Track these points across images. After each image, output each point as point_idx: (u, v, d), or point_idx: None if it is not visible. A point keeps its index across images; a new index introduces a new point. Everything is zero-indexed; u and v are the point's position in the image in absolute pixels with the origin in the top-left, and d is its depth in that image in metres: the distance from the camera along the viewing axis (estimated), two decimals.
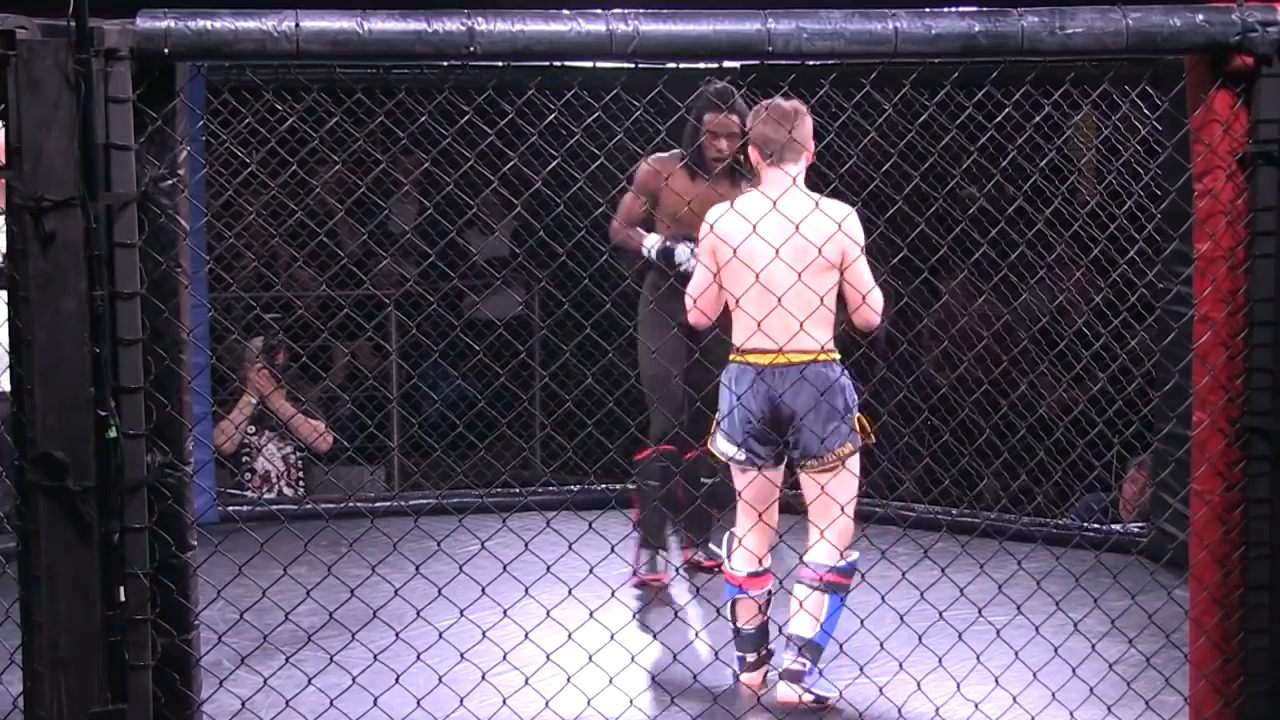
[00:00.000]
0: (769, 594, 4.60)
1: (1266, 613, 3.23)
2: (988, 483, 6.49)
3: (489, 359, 6.19)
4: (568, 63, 3.81)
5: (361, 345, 7.49)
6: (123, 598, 2.83)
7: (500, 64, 3.01)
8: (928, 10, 3.06)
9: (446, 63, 3.42)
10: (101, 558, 2.82)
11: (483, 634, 3.57)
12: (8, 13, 2.77)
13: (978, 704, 3.83)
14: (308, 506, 6.75)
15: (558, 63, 3.09)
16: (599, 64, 6.20)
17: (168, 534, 2.89)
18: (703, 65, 6.27)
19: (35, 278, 2.78)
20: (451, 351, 7.17)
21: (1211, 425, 3.25)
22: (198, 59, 2.88)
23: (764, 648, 4.66)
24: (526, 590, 3.60)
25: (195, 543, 2.96)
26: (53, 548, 2.81)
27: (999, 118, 4.35)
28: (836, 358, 4.44)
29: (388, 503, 6.81)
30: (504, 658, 3.55)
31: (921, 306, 6.17)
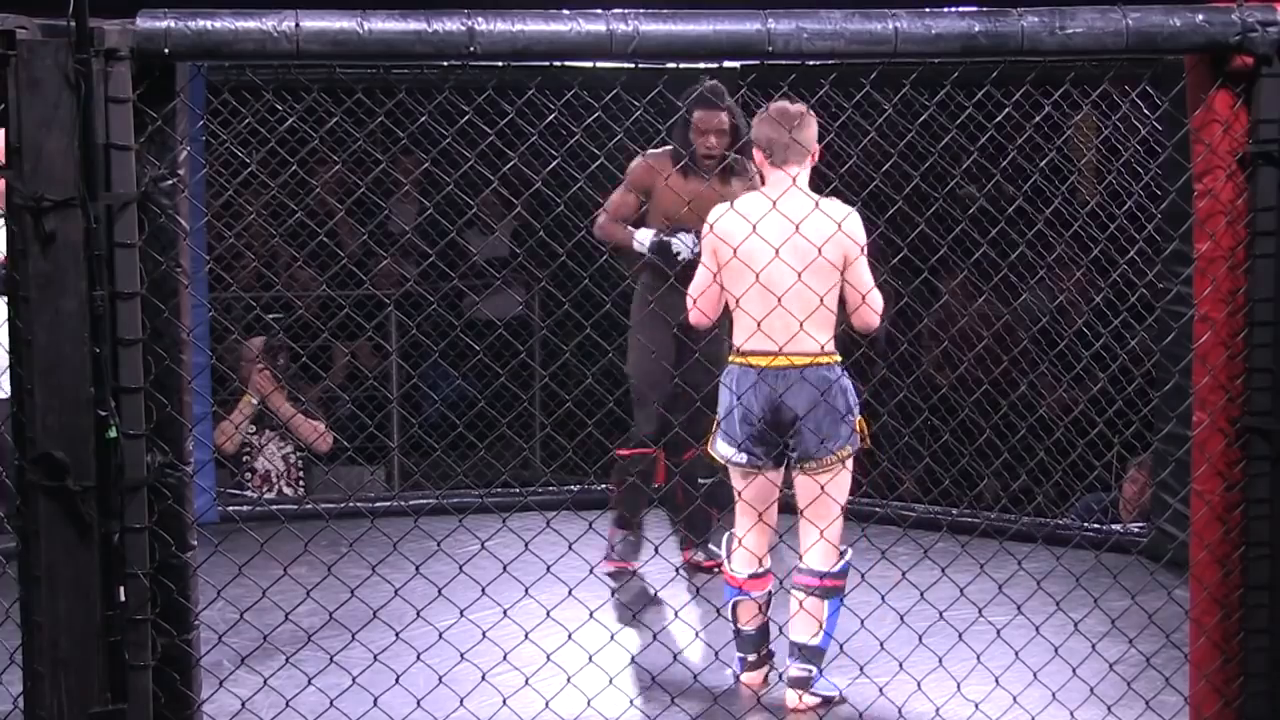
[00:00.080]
0: (769, 595, 4.60)
1: (1266, 613, 3.23)
2: (988, 483, 6.48)
3: (489, 359, 6.18)
4: (568, 63, 3.81)
5: (361, 345, 7.49)
6: (123, 598, 2.83)
7: (500, 64, 3.01)
8: (928, 10, 3.06)
9: (446, 63, 3.42)
10: (101, 558, 2.82)
11: (483, 634, 3.57)
12: (8, 13, 2.77)
13: (978, 704, 3.83)
14: (308, 506, 6.74)
15: (558, 63, 3.09)
16: (599, 64, 6.20)
17: (168, 534, 2.89)
18: (703, 65, 6.27)
19: (35, 278, 2.78)
20: (451, 351, 7.17)
21: (1211, 425, 3.25)
22: (198, 59, 2.88)
23: (764, 648, 4.65)
24: (526, 590, 3.60)
25: (195, 543, 2.96)
26: (53, 548, 2.81)
27: (999, 118, 4.35)
28: (837, 359, 4.44)
29: (388, 503, 6.81)
30: (504, 658, 3.55)
31: (921, 306, 6.17)
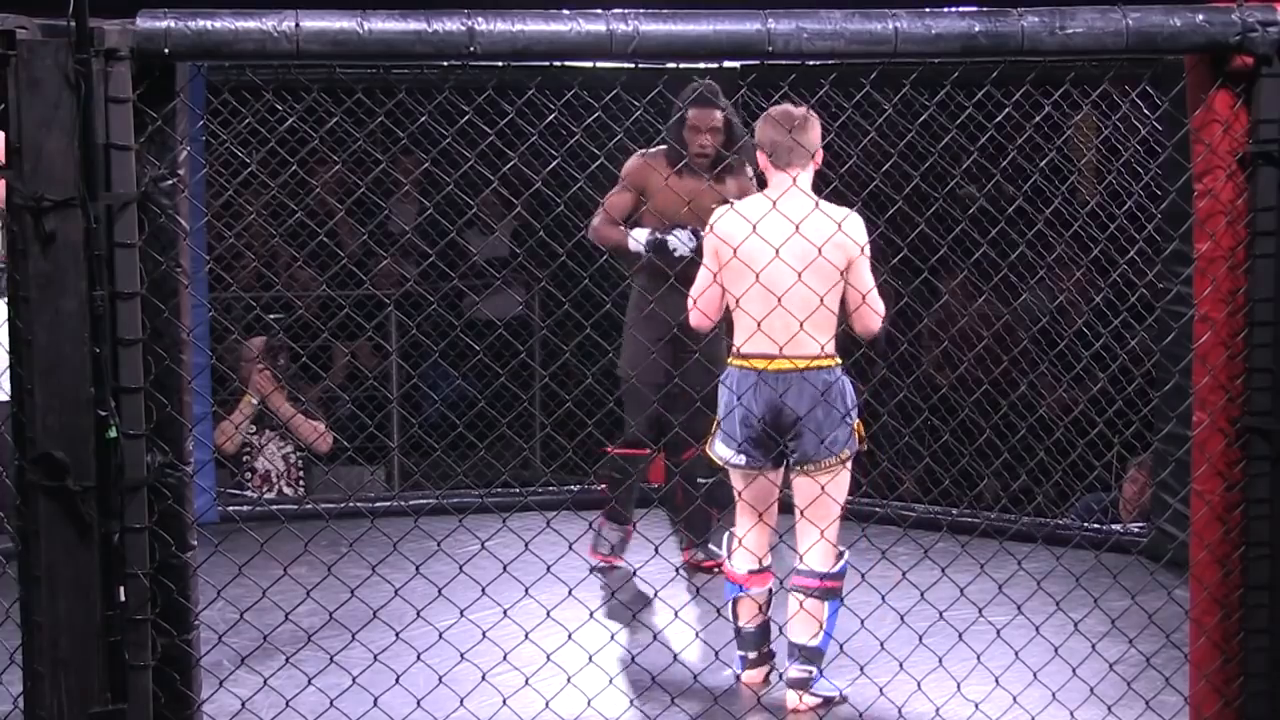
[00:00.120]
0: (769, 592, 4.60)
1: (1266, 613, 3.23)
2: (988, 483, 6.48)
3: (489, 359, 6.18)
4: (568, 63, 3.81)
5: (361, 345, 7.49)
6: (123, 598, 2.83)
7: (500, 64, 3.01)
8: (928, 10, 3.06)
9: (446, 63, 3.42)
10: (101, 558, 2.82)
11: (483, 634, 3.57)
12: (8, 13, 2.77)
13: (978, 704, 3.83)
14: (308, 506, 6.75)
15: (558, 63, 3.09)
16: (599, 64, 6.20)
17: (168, 534, 2.89)
18: (703, 65, 6.27)
19: (35, 278, 2.78)
20: (451, 351, 7.17)
21: (1211, 425, 3.25)
22: (198, 59, 2.88)
23: (765, 646, 4.66)
24: (526, 590, 3.59)
25: (195, 543, 2.96)
26: (53, 548, 2.81)
27: (999, 118, 4.35)
28: (837, 362, 4.44)
29: (388, 503, 6.81)
30: (504, 658, 3.55)
31: (921, 306, 6.17)
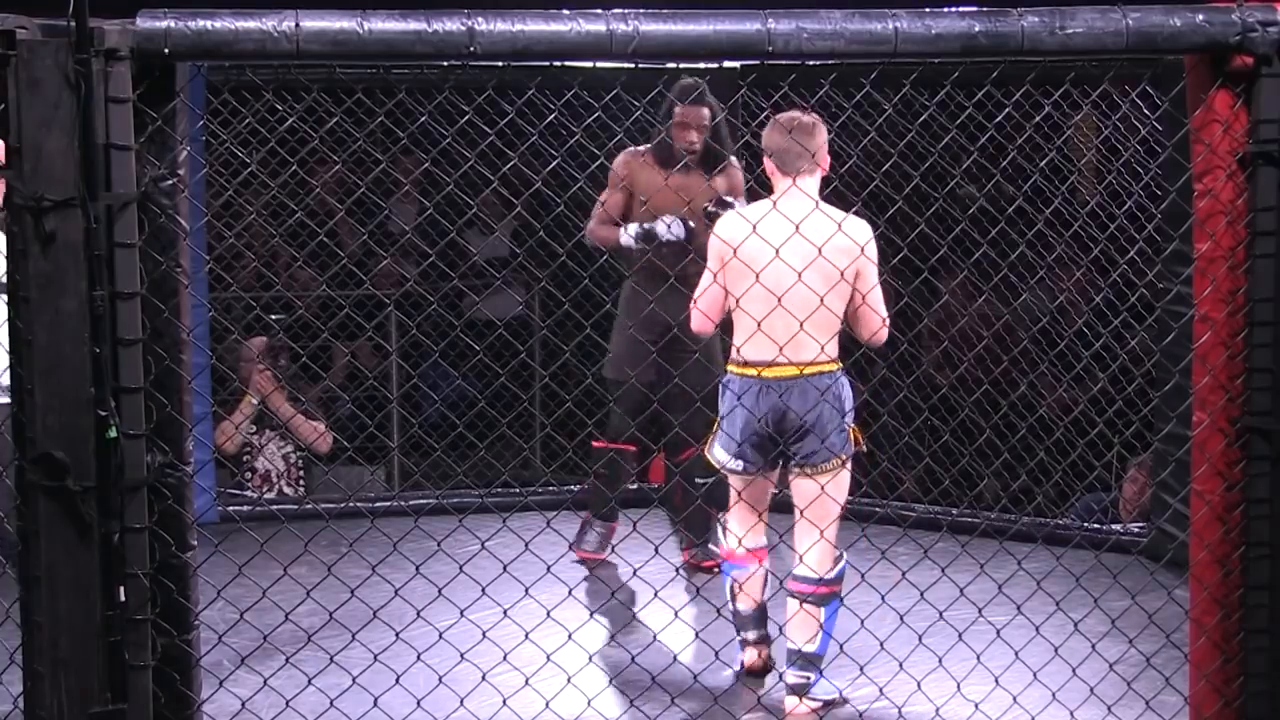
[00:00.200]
0: (766, 573, 4.61)
1: (1266, 613, 3.23)
2: (988, 483, 6.48)
3: (489, 359, 6.18)
4: (568, 63, 3.81)
5: (361, 345, 7.49)
6: (123, 598, 2.83)
7: (500, 64, 3.01)
8: (928, 10, 3.06)
9: (446, 63, 3.42)
10: (101, 558, 2.82)
11: (483, 634, 3.57)
12: (8, 13, 2.77)
13: (978, 704, 3.83)
14: (308, 506, 6.74)
15: (558, 63, 3.09)
16: (599, 64, 6.20)
17: (168, 534, 2.89)
18: (703, 65, 6.27)
19: (35, 278, 2.78)
20: (451, 351, 7.17)
21: (1211, 425, 3.25)
22: (198, 59, 2.88)
23: (764, 627, 4.66)
24: (526, 590, 3.60)
25: (195, 543, 2.96)
26: (53, 548, 2.81)
27: (999, 118, 4.35)
28: (839, 366, 4.44)
29: (388, 503, 6.81)
30: (504, 658, 3.55)
31: (921, 306, 6.17)
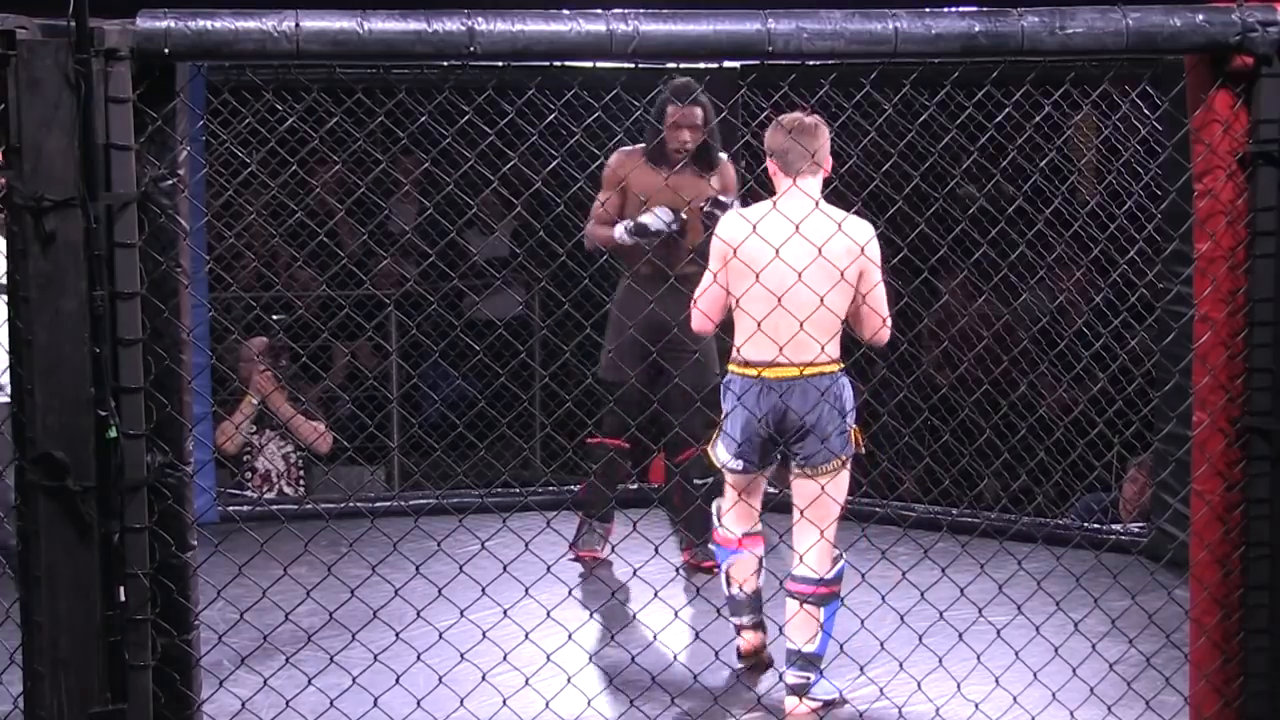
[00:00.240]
0: (760, 559, 4.62)
1: (1266, 613, 3.23)
2: (988, 483, 6.48)
3: (489, 359, 6.18)
4: (568, 63, 3.81)
5: (361, 345, 7.49)
6: (123, 598, 2.83)
7: (500, 64, 3.01)
8: (928, 10, 3.06)
9: (446, 63, 3.42)
10: (101, 558, 2.82)
11: (483, 634, 3.57)
12: (8, 13, 2.77)
13: (978, 704, 3.83)
14: (308, 506, 6.74)
15: (558, 63, 3.09)
16: (599, 64, 6.20)
17: (168, 534, 2.89)
18: (703, 65, 6.27)
19: (35, 278, 2.78)
20: (451, 351, 7.17)
21: (1211, 425, 3.25)
22: (198, 59, 2.88)
23: (759, 612, 4.67)
24: (526, 590, 3.60)
25: (195, 543, 2.96)
26: (53, 548, 2.81)
27: (999, 118, 4.35)
28: (840, 367, 4.44)
29: (388, 503, 6.81)
30: (504, 658, 3.55)
31: (921, 306, 6.17)
